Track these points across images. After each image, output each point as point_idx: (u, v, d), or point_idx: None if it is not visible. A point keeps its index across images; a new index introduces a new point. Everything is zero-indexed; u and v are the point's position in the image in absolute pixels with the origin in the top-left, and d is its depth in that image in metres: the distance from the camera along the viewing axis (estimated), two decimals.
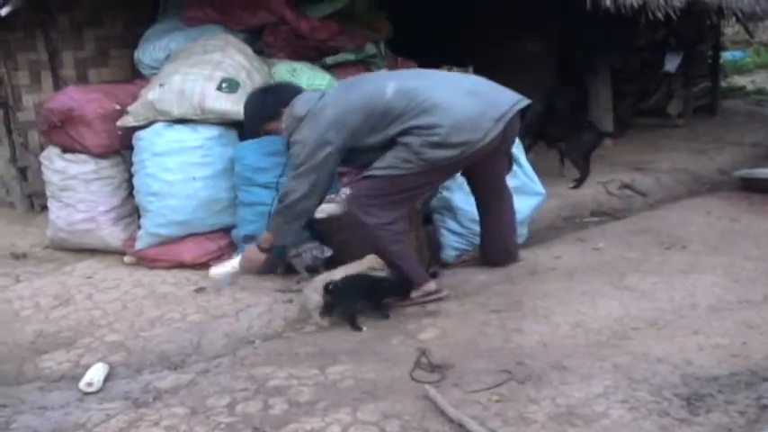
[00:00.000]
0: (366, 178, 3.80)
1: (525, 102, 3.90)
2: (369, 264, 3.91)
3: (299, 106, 3.84)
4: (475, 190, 4.28)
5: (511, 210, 4.32)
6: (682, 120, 9.20)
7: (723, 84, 11.17)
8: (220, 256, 4.53)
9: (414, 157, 3.65)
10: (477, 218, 4.35)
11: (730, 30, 12.44)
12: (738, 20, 8.72)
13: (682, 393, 2.86)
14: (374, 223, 3.75)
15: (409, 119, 3.65)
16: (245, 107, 4.25)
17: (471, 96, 3.75)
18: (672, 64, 8.98)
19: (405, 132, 3.66)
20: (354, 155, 3.82)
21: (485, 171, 4.08)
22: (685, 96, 9.37)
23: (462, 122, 3.64)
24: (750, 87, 12.26)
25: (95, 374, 3.29)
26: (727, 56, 13.10)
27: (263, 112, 4.13)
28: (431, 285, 3.91)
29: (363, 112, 3.71)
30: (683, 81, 9.31)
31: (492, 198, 4.24)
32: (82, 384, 3.24)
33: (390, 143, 3.72)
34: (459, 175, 4.25)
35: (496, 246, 4.35)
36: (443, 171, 3.84)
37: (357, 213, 3.79)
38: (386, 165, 3.70)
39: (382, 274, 3.86)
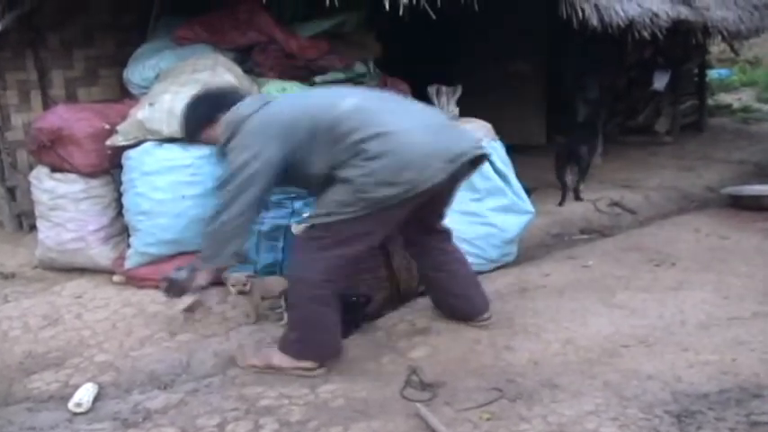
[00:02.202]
0: (307, 227, 3.39)
1: (482, 150, 3.57)
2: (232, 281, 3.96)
3: (238, 112, 3.42)
4: (412, 245, 3.85)
5: (460, 263, 3.84)
6: (670, 137, 9.28)
7: (710, 101, 11.27)
8: (209, 276, 4.51)
9: (353, 198, 3.19)
10: (467, 237, 4.34)
11: (716, 48, 12.54)
12: (724, 38, 8.83)
13: (672, 410, 2.86)
14: (314, 280, 3.31)
15: (359, 141, 3.20)
16: (183, 111, 3.75)
17: (429, 132, 3.34)
18: (660, 82, 9.07)
19: (347, 162, 3.22)
20: (294, 177, 3.40)
21: (423, 213, 3.55)
22: (673, 114, 9.45)
23: (412, 158, 3.21)
24: (736, 105, 12.37)
25: (84, 395, 3.27)
26: (713, 74, 13.21)
27: (199, 117, 3.61)
28: (315, 372, 3.42)
29: (310, 124, 3.28)
30: (671, 99, 9.40)
31: (429, 247, 3.78)
32: (71, 405, 3.21)
33: (330, 179, 3.28)
34: None
35: (458, 304, 3.85)
36: (385, 217, 3.30)
37: (296, 267, 3.42)
38: (325, 211, 3.28)
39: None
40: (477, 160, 3.57)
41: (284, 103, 3.52)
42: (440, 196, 3.51)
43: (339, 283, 3.39)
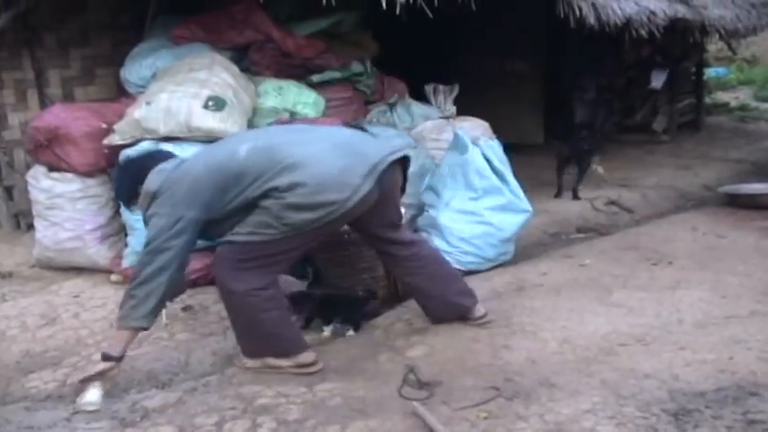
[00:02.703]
0: (229, 243, 3.32)
1: (400, 152, 3.47)
2: None
3: (150, 182, 3.34)
4: (382, 254, 3.80)
5: (436, 264, 3.77)
6: (667, 136, 9.29)
7: (707, 100, 11.29)
8: (207, 274, 4.51)
9: (275, 222, 3.18)
10: (464, 236, 4.34)
11: (713, 47, 12.57)
12: (721, 37, 8.84)
13: (669, 409, 2.86)
14: (243, 289, 3.27)
15: (268, 179, 3.18)
16: (114, 182, 3.74)
17: (337, 150, 3.30)
18: (657, 81, 9.08)
19: (264, 195, 3.19)
20: (215, 226, 3.32)
21: (373, 227, 3.59)
22: (670, 113, 9.46)
23: (327, 180, 3.17)
24: (734, 104, 12.39)
25: (94, 395, 3.21)
26: (710, 72, 13.23)
27: (123, 196, 3.65)
28: (307, 357, 3.44)
29: (216, 180, 3.23)
30: (668, 98, 9.41)
31: (399, 257, 3.70)
32: (82, 402, 3.17)
33: (251, 206, 3.25)
34: (445, 192, 4.20)
35: (439, 306, 3.79)
36: (308, 237, 3.30)
37: (223, 280, 3.34)
38: (247, 231, 3.24)
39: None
40: (402, 164, 3.52)
41: (192, 165, 3.40)
42: (378, 207, 3.41)
43: (269, 288, 3.33)
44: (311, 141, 3.35)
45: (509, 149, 5.04)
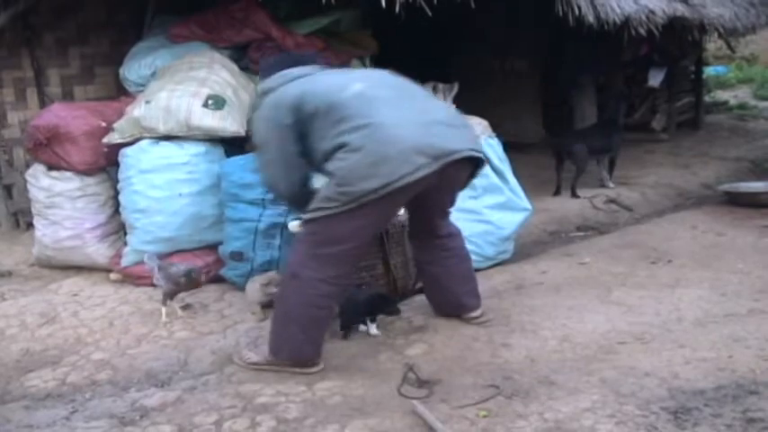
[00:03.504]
0: (303, 224, 3.43)
1: (476, 153, 3.45)
2: (264, 279, 4.02)
3: (267, 83, 3.56)
4: (414, 238, 3.86)
5: (459, 259, 3.81)
6: (666, 134, 9.29)
7: (706, 99, 11.28)
8: (207, 273, 4.52)
9: (335, 192, 3.20)
10: (465, 234, 4.32)
11: (712, 45, 12.56)
12: (720, 35, 8.83)
13: (669, 407, 2.87)
14: (308, 277, 3.30)
15: (343, 132, 3.21)
16: (262, 66, 3.91)
17: (419, 127, 3.27)
18: (656, 79, 9.07)
19: (331, 155, 3.24)
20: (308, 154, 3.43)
21: (423, 210, 3.63)
22: (669, 111, 9.46)
23: (390, 152, 3.16)
24: (733, 102, 12.39)
25: None
26: (709, 71, 13.22)
27: (264, 73, 3.75)
28: (315, 368, 3.39)
29: (314, 104, 3.31)
30: (667, 96, 9.40)
31: (431, 245, 3.75)
32: None
33: (323, 173, 3.36)
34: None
35: (445, 298, 3.85)
36: (371, 213, 3.25)
37: (293, 263, 3.39)
38: (313, 207, 3.30)
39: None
40: (476, 163, 3.53)
41: (307, 79, 3.50)
42: (434, 195, 3.45)
43: (333, 284, 3.34)
44: (402, 109, 3.33)
45: (508, 148, 5.04)
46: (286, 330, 3.37)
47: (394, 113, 3.27)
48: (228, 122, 4.61)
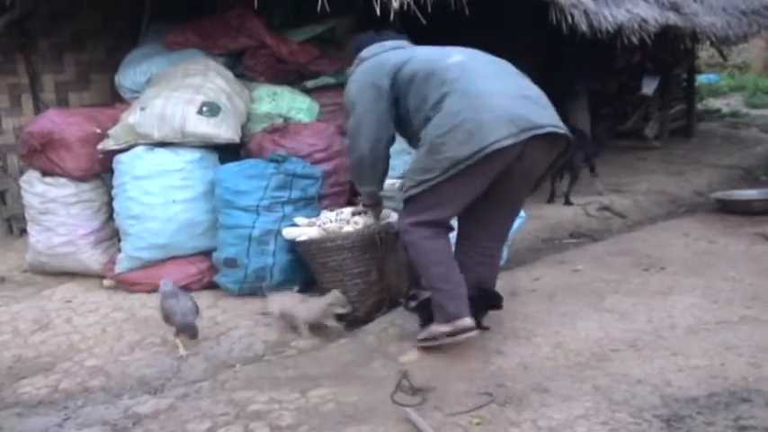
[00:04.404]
0: (405, 202, 3.56)
1: (562, 129, 3.51)
2: (331, 299, 3.89)
3: (366, 50, 3.80)
4: (465, 237, 3.78)
5: (490, 267, 3.82)
6: (658, 142, 9.32)
7: (699, 106, 11.33)
8: (201, 280, 4.52)
9: (432, 161, 3.36)
10: None
11: (705, 53, 12.62)
12: (712, 44, 8.88)
13: (661, 414, 2.87)
14: (417, 237, 3.49)
15: (443, 95, 3.40)
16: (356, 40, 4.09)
17: (511, 99, 3.42)
18: (649, 87, 9.11)
19: (428, 120, 3.43)
20: (403, 123, 3.67)
21: (491, 201, 3.61)
22: (662, 119, 9.50)
23: (486, 119, 3.30)
24: (725, 110, 12.44)
25: None
26: (702, 79, 13.28)
27: (357, 48, 3.93)
28: (465, 321, 3.43)
29: (413, 68, 3.55)
30: (660, 104, 9.44)
31: (479, 247, 3.74)
32: None
33: (416, 141, 3.56)
34: None
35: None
36: (465, 181, 3.38)
37: (404, 235, 3.56)
38: (413, 184, 3.45)
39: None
40: (560, 149, 3.63)
41: (401, 50, 3.77)
42: (512, 179, 3.52)
43: (437, 238, 3.52)
44: (497, 81, 3.50)
45: None
46: (434, 296, 3.51)
47: (490, 83, 3.45)
48: (223, 129, 4.62)
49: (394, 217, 4.11)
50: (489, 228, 3.74)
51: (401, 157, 4.37)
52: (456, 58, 3.56)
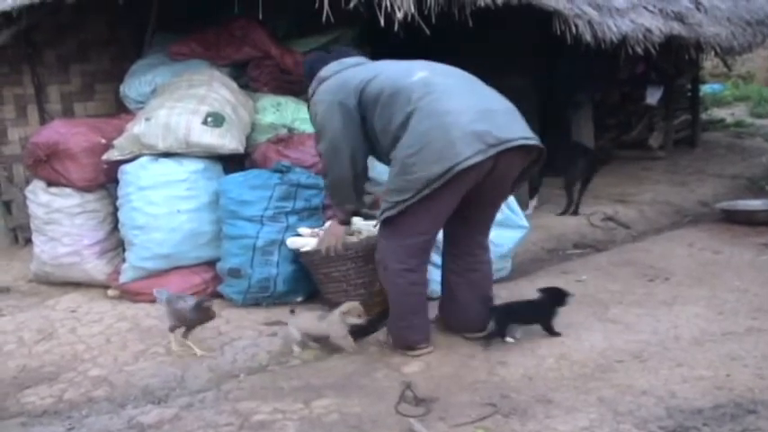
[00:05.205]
0: (383, 224, 3.58)
1: (533, 141, 3.53)
2: (346, 308, 3.84)
3: (325, 70, 3.74)
4: (452, 245, 3.87)
5: (482, 275, 3.90)
6: (663, 152, 9.30)
7: (703, 116, 11.31)
8: (205, 290, 4.52)
9: (405, 182, 3.37)
10: None
11: (709, 63, 12.61)
12: (717, 54, 8.87)
13: (667, 426, 2.86)
14: (397, 268, 3.56)
15: (409, 114, 3.40)
16: (306, 63, 4.06)
17: (479, 115, 3.41)
18: (653, 97, 9.10)
19: (397, 140, 3.43)
20: (371, 143, 3.67)
21: (468, 212, 3.68)
22: (666, 129, 9.48)
23: (455, 136, 3.32)
24: (729, 120, 12.41)
25: None
26: (706, 89, 13.26)
27: (310, 72, 3.88)
28: (422, 351, 3.67)
29: (385, 84, 3.52)
30: (664, 114, 9.43)
31: (468, 254, 3.83)
32: None
33: (387, 162, 3.59)
34: None
35: (457, 315, 3.90)
36: (441, 198, 3.41)
37: (384, 256, 3.62)
38: (388, 203, 3.47)
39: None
40: (534, 157, 3.63)
41: (369, 65, 3.76)
42: (486, 190, 3.56)
43: (419, 271, 3.62)
44: (463, 97, 3.50)
45: None
46: (393, 321, 3.72)
47: (456, 100, 3.45)
48: (227, 140, 4.63)
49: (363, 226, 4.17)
50: (474, 232, 3.82)
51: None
52: (420, 75, 3.54)
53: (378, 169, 4.14)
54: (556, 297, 3.87)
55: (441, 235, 3.83)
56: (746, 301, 4.25)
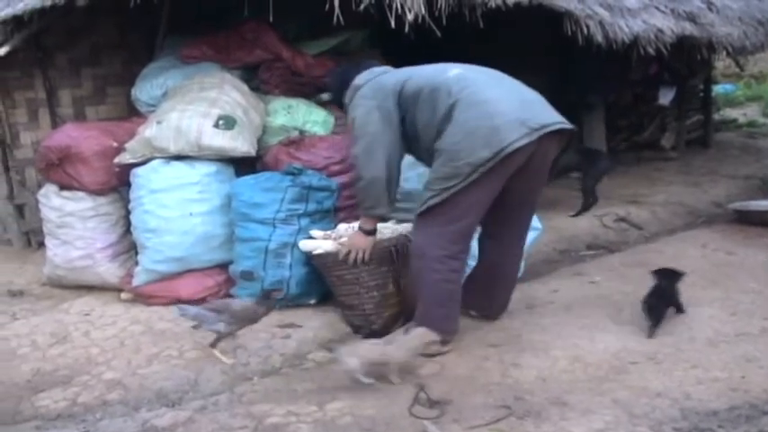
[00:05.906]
0: (427, 209, 3.62)
1: (568, 125, 3.74)
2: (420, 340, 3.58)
3: (358, 78, 3.91)
4: (488, 236, 4.01)
5: (512, 267, 4.11)
6: (675, 153, 9.27)
7: (715, 117, 11.26)
8: (218, 293, 4.52)
9: (453, 169, 3.50)
10: (475, 253, 4.34)
11: (721, 63, 12.55)
12: (729, 54, 8.83)
13: (682, 428, 2.85)
14: (436, 255, 3.63)
15: (451, 106, 3.56)
16: (330, 77, 4.28)
17: (517, 103, 3.63)
18: (666, 97, 9.07)
19: (441, 131, 3.57)
20: (409, 141, 3.80)
21: (511, 198, 3.78)
22: (678, 129, 9.44)
23: (499, 123, 3.49)
24: (742, 120, 12.35)
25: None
26: (718, 89, 13.20)
27: (340, 84, 4.09)
28: (444, 349, 3.68)
29: (423, 82, 3.71)
30: (677, 114, 9.39)
31: (507, 244, 4.01)
32: None
33: (432, 154, 3.65)
34: None
35: (479, 299, 4.05)
36: (485, 184, 3.54)
37: (421, 242, 3.68)
38: (434, 193, 3.56)
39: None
40: (565, 140, 3.82)
41: (403, 69, 3.92)
42: (527, 175, 3.69)
43: (461, 259, 3.71)
44: (498, 88, 3.71)
45: None
46: (428, 310, 3.70)
47: (493, 90, 3.66)
48: (239, 142, 4.63)
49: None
50: (514, 225, 3.97)
51: (414, 169, 4.35)
52: (454, 71, 3.73)
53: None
54: (675, 276, 4.10)
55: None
56: (761, 303, 4.23)
